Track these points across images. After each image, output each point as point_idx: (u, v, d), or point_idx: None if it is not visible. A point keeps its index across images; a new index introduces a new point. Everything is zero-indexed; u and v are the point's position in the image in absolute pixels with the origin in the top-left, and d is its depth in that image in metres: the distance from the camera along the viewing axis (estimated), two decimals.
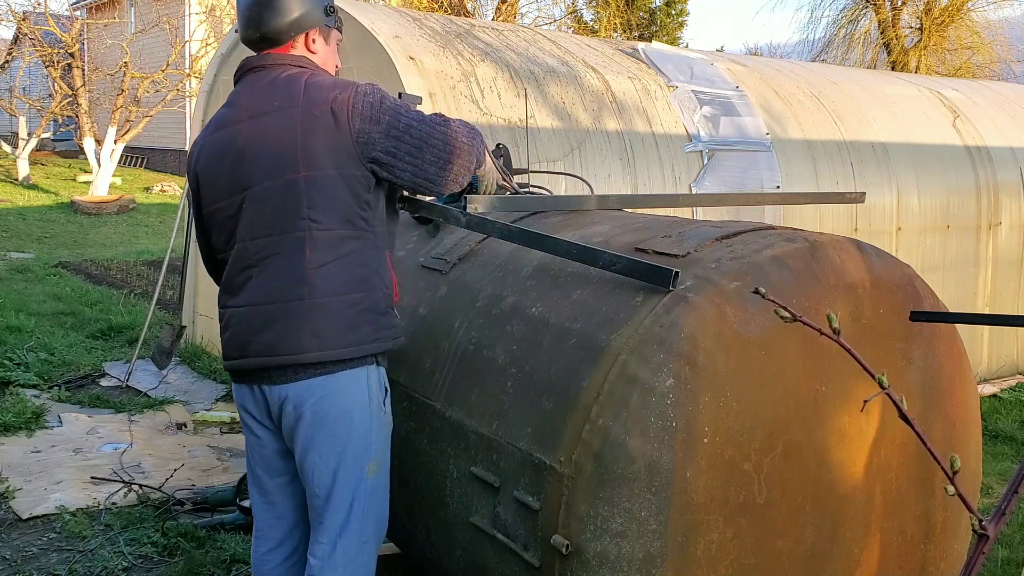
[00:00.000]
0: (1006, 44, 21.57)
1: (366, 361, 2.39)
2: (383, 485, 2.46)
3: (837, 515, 2.29)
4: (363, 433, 2.38)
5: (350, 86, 2.39)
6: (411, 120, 2.39)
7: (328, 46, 2.55)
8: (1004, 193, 6.87)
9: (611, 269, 2.28)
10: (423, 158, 2.40)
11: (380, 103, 2.37)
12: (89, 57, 20.52)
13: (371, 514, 2.42)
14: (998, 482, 4.74)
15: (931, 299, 2.47)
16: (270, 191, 2.36)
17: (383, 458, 2.45)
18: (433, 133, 2.41)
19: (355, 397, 2.37)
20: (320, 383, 2.35)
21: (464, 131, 2.49)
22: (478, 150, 2.51)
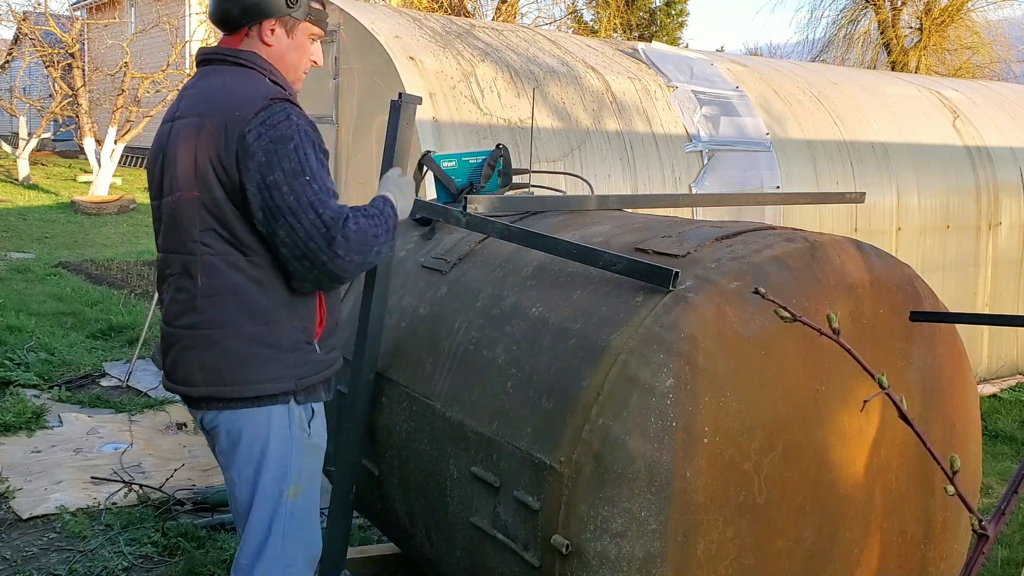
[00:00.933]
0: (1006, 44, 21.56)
1: (269, 401, 2.22)
2: (308, 509, 2.34)
3: (837, 515, 2.29)
4: (280, 457, 2.26)
5: (259, 101, 2.14)
6: (283, 182, 2.08)
7: (292, 40, 2.31)
8: (1004, 193, 6.87)
9: (611, 269, 2.28)
10: (275, 229, 2.10)
11: (274, 139, 2.10)
12: (89, 57, 20.52)
13: (292, 538, 2.31)
14: (998, 482, 4.74)
15: (931, 299, 2.47)
16: (172, 206, 2.23)
17: (307, 482, 2.32)
18: (299, 214, 2.07)
19: (270, 424, 2.24)
20: (225, 415, 2.25)
21: (352, 241, 2.09)
22: (349, 268, 2.13)
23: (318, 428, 2.35)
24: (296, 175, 2.09)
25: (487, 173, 3.12)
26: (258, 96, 2.16)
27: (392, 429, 2.73)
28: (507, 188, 3.18)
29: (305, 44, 2.35)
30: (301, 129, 2.15)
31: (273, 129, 2.11)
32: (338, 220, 2.09)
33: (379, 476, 2.83)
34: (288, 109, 2.16)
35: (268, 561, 2.30)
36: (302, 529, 2.34)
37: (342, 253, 2.09)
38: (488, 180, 3.12)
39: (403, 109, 2.78)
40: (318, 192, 2.10)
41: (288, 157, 2.10)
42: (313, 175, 2.11)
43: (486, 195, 2.93)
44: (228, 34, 2.32)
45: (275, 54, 2.31)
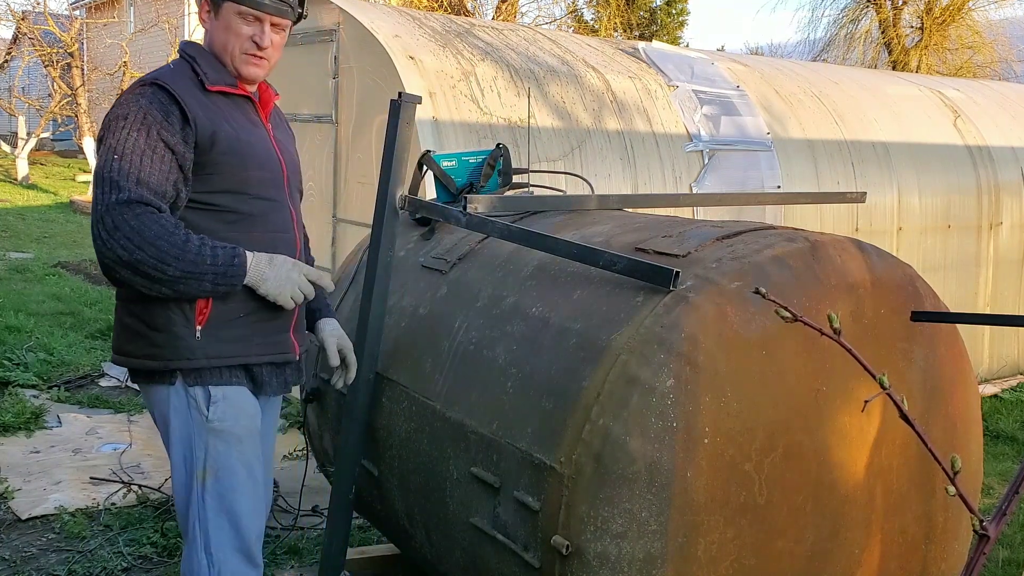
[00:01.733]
0: (1007, 44, 21.56)
1: (156, 379, 2.28)
2: (226, 496, 2.31)
3: (838, 515, 2.28)
4: (183, 439, 2.30)
5: (130, 87, 2.25)
6: (103, 152, 2.16)
7: (217, 21, 2.29)
8: (1005, 193, 6.86)
9: (611, 269, 2.27)
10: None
11: (112, 116, 2.18)
12: (88, 57, 20.53)
13: (209, 524, 2.30)
14: (999, 482, 4.74)
15: (932, 299, 2.47)
16: None
17: (219, 468, 2.30)
18: (95, 184, 2.15)
19: (168, 402, 2.30)
20: (142, 388, 2.37)
21: (121, 231, 2.08)
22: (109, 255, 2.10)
23: (221, 414, 2.30)
24: (109, 151, 2.14)
25: (487, 173, 3.11)
26: (136, 81, 2.26)
27: (392, 429, 2.73)
28: (507, 188, 3.17)
29: (232, 24, 2.28)
30: (140, 111, 2.16)
31: (118, 108, 2.18)
32: (116, 204, 2.09)
33: (379, 476, 2.83)
34: (144, 92, 2.19)
35: (190, 546, 2.34)
36: (220, 517, 2.31)
37: (104, 236, 2.10)
38: (488, 180, 3.12)
39: (403, 108, 2.78)
40: (115, 172, 2.11)
41: (113, 134, 2.15)
42: (124, 154, 2.12)
43: (486, 195, 2.93)
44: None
45: (208, 38, 2.34)
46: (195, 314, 2.26)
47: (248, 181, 2.31)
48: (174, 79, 2.24)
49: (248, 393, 2.37)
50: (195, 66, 2.29)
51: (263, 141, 2.38)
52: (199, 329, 2.27)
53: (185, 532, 2.35)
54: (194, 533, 2.32)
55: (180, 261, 2.13)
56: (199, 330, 2.27)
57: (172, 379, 2.28)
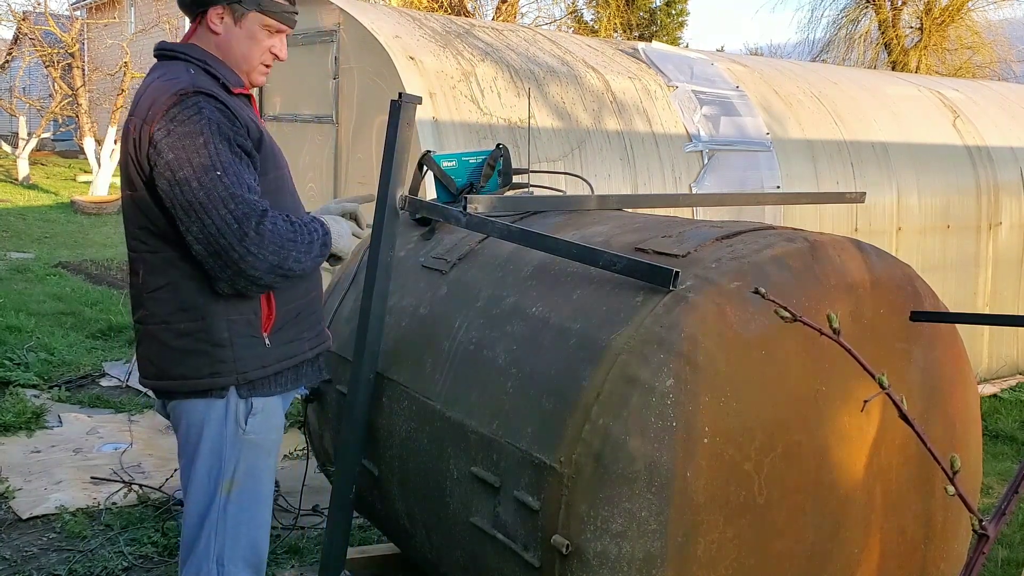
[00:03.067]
0: (1006, 44, 21.55)
1: (209, 395, 2.24)
2: (247, 508, 2.31)
3: (837, 515, 2.28)
4: (215, 450, 2.27)
5: (170, 97, 2.10)
6: (194, 178, 2.05)
7: (240, 29, 2.26)
8: (1004, 193, 6.86)
9: (611, 269, 2.28)
10: (188, 226, 2.10)
11: (182, 135, 2.07)
12: (89, 57, 20.53)
13: (228, 536, 2.29)
14: (998, 482, 4.74)
15: (931, 299, 2.47)
16: (123, 204, 2.29)
17: (245, 479, 2.29)
18: (210, 209, 2.05)
19: (208, 415, 2.26)
20: (171, 405, 2.32)
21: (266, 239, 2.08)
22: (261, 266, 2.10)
23: (257, 426, 2.30)
24: (207, 170, 2.07)
25: (487, 173, 3.11)
26: (171, 91, 2.13)
27: (392, 429, 2.73)
28: (507, 188, 3.17)
29: (257, 35, 2.29)
30: (212, 123, 2.11)
31: (182, 125, 2.08)
32: (251, 216, 2.08)
33: (379, 476, 2.83)
34: (200, 103, 2.12)
35: (200, 555, 2.30)
36: (239, 529, 2.31)
37: (254, 250, 2.08)
38: (488, 180, 3.12)
39: (403, 109, 2.78)
40: (229, 187, 2.07)
41: (198, 152, 2.07)
42: (225, 169, 2.08)
43: (486, 195, 2.93)
44: (191, 23, 2.35)
45: (222, 43, 2.29)
46: (260, 322, 2.25)
47: (283, 179, 2.35)
48: (209, 86, 2.19)
49: (280, 405, 2.38)
50: (209, 70, 2.25)
51: (273, 139, 2.40)
52: (267, 336, 2.27)
53: (193, 541, 2.31)
54: (207, 542, 2.29)
55: (307, 245, 2.20)
56: (267, 337, 2.27)
57: (223, 392, 2.25)
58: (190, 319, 2.21)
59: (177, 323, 2.21)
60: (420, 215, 3.03)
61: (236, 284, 2.14)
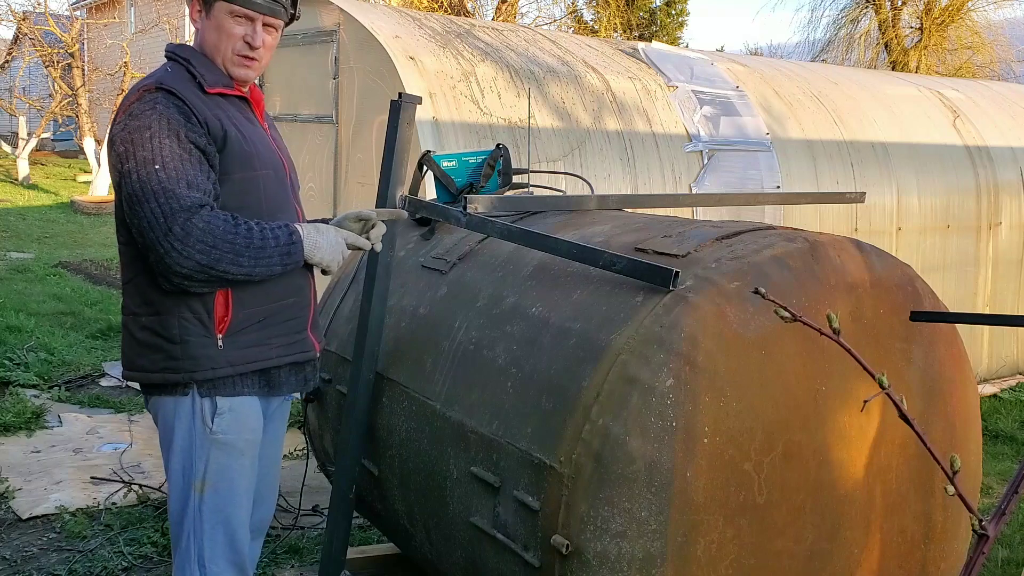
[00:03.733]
0: (1006, 44, 21.55)
1: (170, 390, 2.23)
2: (223, 509, 2.29)
3: (837, 515, 2.28)
4: (185, 448, 2.27)
5: (136, 93, 2.15)
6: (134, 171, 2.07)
7: (209, 20, 2.25)
8: (1004, 193, 6.87)
9: (611, 269, 2.28)
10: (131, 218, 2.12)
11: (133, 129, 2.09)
12: (89, 57, 20.54)
13: (204, 535, 2.28)
14: (998, 482, 4.74)
15: (931, 299, 2.47)
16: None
17: (218, 480, 2.27)
18: (143, 202, 2.06)
19: (178, 412, 2.26)
20: (150, 401, 2.34)
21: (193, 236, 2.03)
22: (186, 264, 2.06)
23: (225, 426, 2.27)
24: (146, 163, 2.07)
25: (487, 173, 3.12)
26: (137, 88, 2.18)
27: (392, 429, 2.73)
28: (507, 188, 3.18)
29: (224, 24, 2.25)
30: (163, 118, 2.10)
31: (135, 119, 2.10)
32: (179, 212, 2.05)
33: (379, 476, 2.83)
34: (157, 98, 2.12)
35: (183, 556, 2.31)
36: (216, 529, 2.29)
37: (178, 247, 2.04)
38: (488, 180, 3.12)
39: (403, 109, 2.78)
40: (164, 181, 2.06)
41: (143, 146, 2.08)
42: (164, 164, 2.07)
43: (486, 195, 2.93)
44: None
45: (200, 37, 2.30)
46: (215, 323, 2.22)
47: (256, 181, 2.29)
48: (176, 82, 2.19)
49: (255, 405, 2.34)
50: (190, 68, 2.24)
51: (264, 140, 2.36)
52: (220, 337, 2.24)
53: (177, 542, 2.32)
54: (187, 544, 2.30)
55: (250, 249, 2.12)
56: (220, 338, 2.24)
57: (186, 390, 2.24)
58: (148, 313, 2.23)
59: (141, 316, 2.25)
60: (420, 215, 3.03)
61: (170, 280, 2.11)
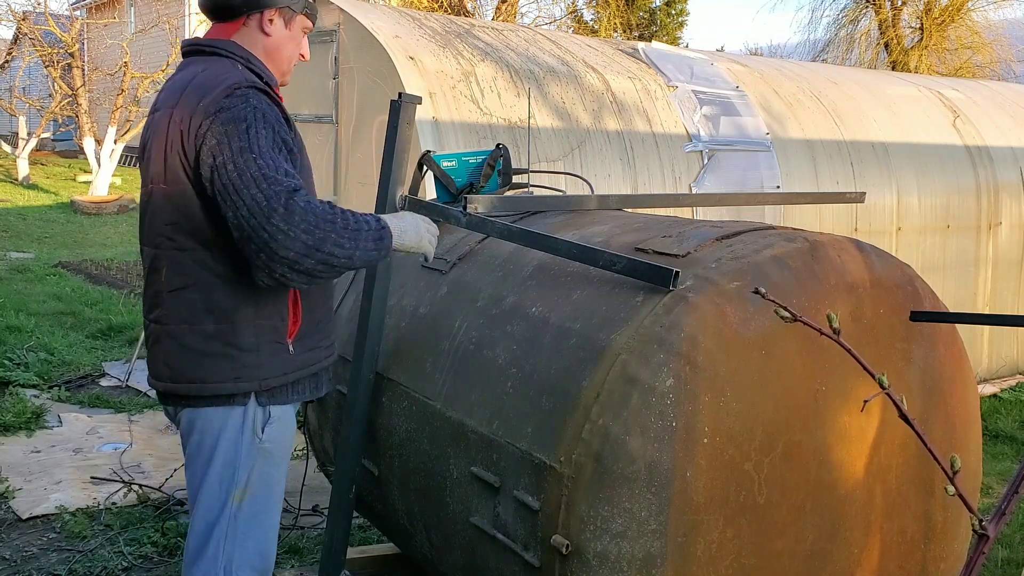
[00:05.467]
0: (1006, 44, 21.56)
1: (226, 401, 2.19)
2: (257, 517, 2.28)
3: (837, 515, 2.28)
4: (229, 459, 2.22)
5: (222, 91, 2.09)
6: (230, 161, 2.02)
7: (288, 31, 2.30)
8: (1004, 193, 6.87)
9: (611, 269, 2.28)
10: (225, 211, 2.04)
11: (226, 121, 2.05)
12: (89, 57, 20.53)
13: (236, 544, 2.25)
14: (998, 482, 4.74)
15: (931, 299, 2.47)
16: (149, 199, 2.22)
17: (257, 488, 2.26)
18: (241, 190, 1.99)
19: (224, 424, 2.21)
20: (186, 412, 2.25)
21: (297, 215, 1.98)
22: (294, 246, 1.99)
23: (273, 434, 2.27)
24: (242, 152, 2.02)
25: (487, 173, 3.11)
26: (222, 85, 2.11)
27: (392, 429, 2.73)
28: (507, 188, 3.18)
29: (299, 37, 2.35)
30: (257, 111, 2.09)
31: (228, 112, 2.07)
32: (281, 194, 1.99)
33: (379, 476, 2.83)
34: (248, 94, 2.11)
35: (208, 561, 2.25)
36: (248, 537, 2.27)
37: (283, 227, 1.97)
38: (488, 180, 3.12)
39: (403, 109, 2.78)
40: (263, 167, 2.01)
41: (238, 137, 2.04)
42: (261, 152, 2.04)
43: (486, 195, 2.93)
44: (220, 22, 2.30)
45: (271, 44, 2.30)
46: (286, 326, 2.22)
47: (309, 185, 2.31)
48: (258, 83, 2.18)
49: (293, 414, 2.35)
50: (253, 69, 2.24)
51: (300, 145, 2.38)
52: (291, 343, 2.24)
53: (201, 548, 2.26)
54: (215, 550, 2.25)
55: (347, 231, 2.07)
56: (291, 344, 2.24)
57: (244, 400, 2.20)
58: (216, 321, 2.16)
59: (201, 325, 2.16)
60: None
61: (273, 271, 2.02)
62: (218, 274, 2.15)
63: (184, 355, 2.19)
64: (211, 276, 2.15)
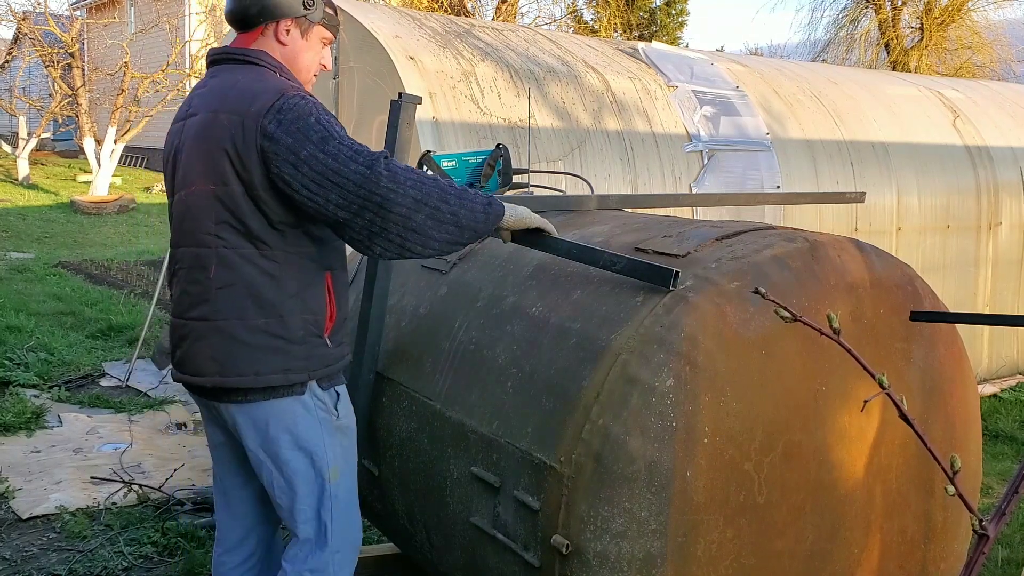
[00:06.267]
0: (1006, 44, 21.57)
1: (285, 392, 2.25)
2: (350, 491, 2.39)
3: (837, 515, 2.28)
4: (313, 441, 2.30)
5: (273, 94, 2.17)
6: (318, 151, 2.11)
7: (305, 41, 2.36)
8: (1004, 193, 6.87)
9: (611, 269, 2.28)
10: (327, 197, 2.12)
11: (294, 120, 2.13)
12: (89, 57, 20.53)
13: (339, 522, 2.35)
14: (998, 482, 4.74)
15: (931, 299, 2.47)
16: (188, 200, 2.26)
17: (344, 463, 2.37)
18: (341, 170, 2.10)
19: (295, 412, 2.28)
20: (247, 408, 2.27)
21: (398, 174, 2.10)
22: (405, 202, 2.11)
23: (345, 410, 2.38)
24: (326, 141, 2.13)
25: (487, 173, 3.12)
26: (272, 90, 2.19)
27: (392, 429, 2.73)
28: (507, 188, 3.18)
29: (317, 47, 2.40)
30: (317, 106, 2.19)
31: (290, 112, 2.15)
32: (378, 159, 2.12)
33: (379, 476, 2.83)
34: (300, 94, 2.20)
35: (321, 548, 2.34)
36: (347, 512, 2.38)
37: (392, 186, 2.09)
38: (488, 180, 3.12)
39: (403, 109, 2.78)
40: (351, 144, 2.14)
41: (312, 130, 2.13)
42: (340, 136, 2.15)
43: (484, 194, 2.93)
44: (242, 32, 2.36)
45: (288, 54, 2.35)
46: (324, 320, 2.30)
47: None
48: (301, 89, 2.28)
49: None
50: (287, 78, 2.30)
51: None
52: (327, 337, 2.32)
53: (314, 535, 2.33)
54: (325, 535, 2.33)
55: (452, 189, 2.17)
56: (327, 338, 2.32)
57: (302, 389, 2.28)
58: (266, 315, 2.22)
59: (252, 319, 2.22)
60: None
61: (390, 234, 2.14)
62: (265, 270, 2.22)
63: (235, 348, 2.23)
64: (259, 272, 2.22)
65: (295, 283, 2.24)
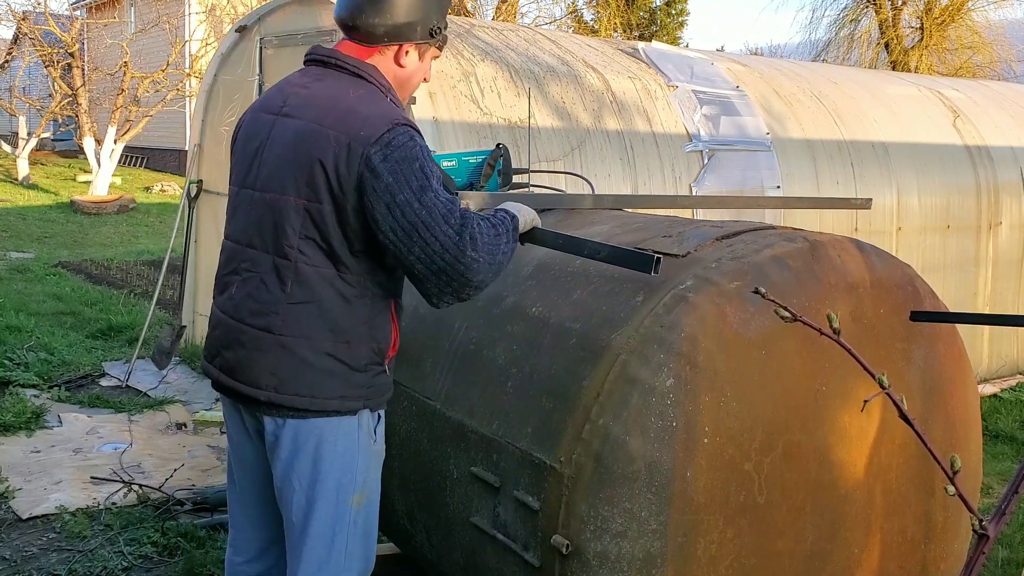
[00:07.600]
0: (1006, 44, 21.57)
1: (337, 413, 2.21)
2: (370, 519, 2.31)
3: (837, 515, 2.28)
4: (346, 463, 2.23)
5: (384, 123, 2.14)
6: (414, 199, 2.09)
7: (420, 63, 2.35)
8: (1004, 193, 6.86)
9: (595, 257, 2.28)
10: (410, 247, 2.11)
11: (400, 160, 2.10)
12: (89, 57, 20.51)
13: (356, 550, 2.27)
14: (998, 482, 4.74)
15: (931, 299, 2.47)
16: (270, 203, 2.19)
17: (370, 490, 2.29)
18: (432, 227, 2.09)
19: (338, 433, 2.22)
20: (292, 423, 2.22)
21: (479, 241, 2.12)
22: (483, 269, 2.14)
23: (381, 434, 2.33)
24: (424, 191, 2.11)
25: (487, 172, 3.11)
26: (384, 118, 2.16)
27: (392, 429, 2.73)
28: (507, 188, 3.17)
29: (428, 66, 2.39)
30: (424, 150, 2.17)
31: (399, 150, 2.12)
32: (464, 226, 2.11)
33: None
34: (411, 132, 2.17)
35: (334, 567, 2.25)
36: (365, 540, 2.30)
37: (475, 256, 2.11)
38: (488, 180, 3.12)
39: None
40: (446, 202, 2.12)
41: (415, 176, 2.11)
42: (437, 190, 2.13)
43: (478, 192, 2.93)
44: (357, 43, 2.29)
45: (403, 76, 2.32)
46: (388, 349, 2.28)
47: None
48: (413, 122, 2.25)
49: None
50: (394, 100, 2.28)
51: None
52: (387, 364, 2.30)
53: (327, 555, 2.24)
54: (337, 560, 2.25)
55: (505, 234, 2.22)
56: (387, 365, 2.30)
57: (354, 414, 2.24)
58: (334, 340, 2.19)
59: (321, 342, 2.18)
60: None
61: (461, 295, 2.17)
62: (342, 293, 2.18)
63: (298, 368, 2.18)
64: (335, 294, 2.18)
65: (367, 310, 2.22)
